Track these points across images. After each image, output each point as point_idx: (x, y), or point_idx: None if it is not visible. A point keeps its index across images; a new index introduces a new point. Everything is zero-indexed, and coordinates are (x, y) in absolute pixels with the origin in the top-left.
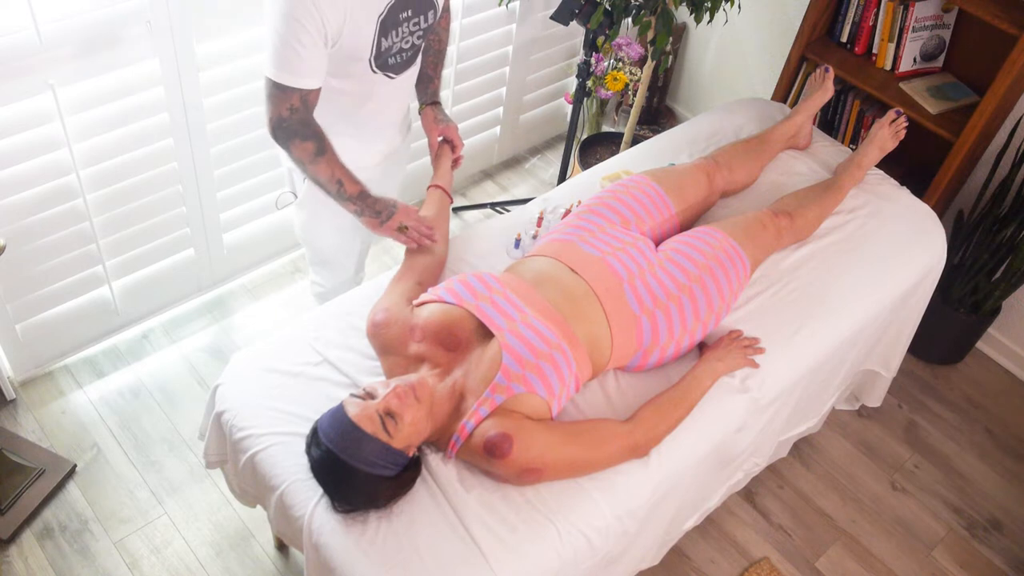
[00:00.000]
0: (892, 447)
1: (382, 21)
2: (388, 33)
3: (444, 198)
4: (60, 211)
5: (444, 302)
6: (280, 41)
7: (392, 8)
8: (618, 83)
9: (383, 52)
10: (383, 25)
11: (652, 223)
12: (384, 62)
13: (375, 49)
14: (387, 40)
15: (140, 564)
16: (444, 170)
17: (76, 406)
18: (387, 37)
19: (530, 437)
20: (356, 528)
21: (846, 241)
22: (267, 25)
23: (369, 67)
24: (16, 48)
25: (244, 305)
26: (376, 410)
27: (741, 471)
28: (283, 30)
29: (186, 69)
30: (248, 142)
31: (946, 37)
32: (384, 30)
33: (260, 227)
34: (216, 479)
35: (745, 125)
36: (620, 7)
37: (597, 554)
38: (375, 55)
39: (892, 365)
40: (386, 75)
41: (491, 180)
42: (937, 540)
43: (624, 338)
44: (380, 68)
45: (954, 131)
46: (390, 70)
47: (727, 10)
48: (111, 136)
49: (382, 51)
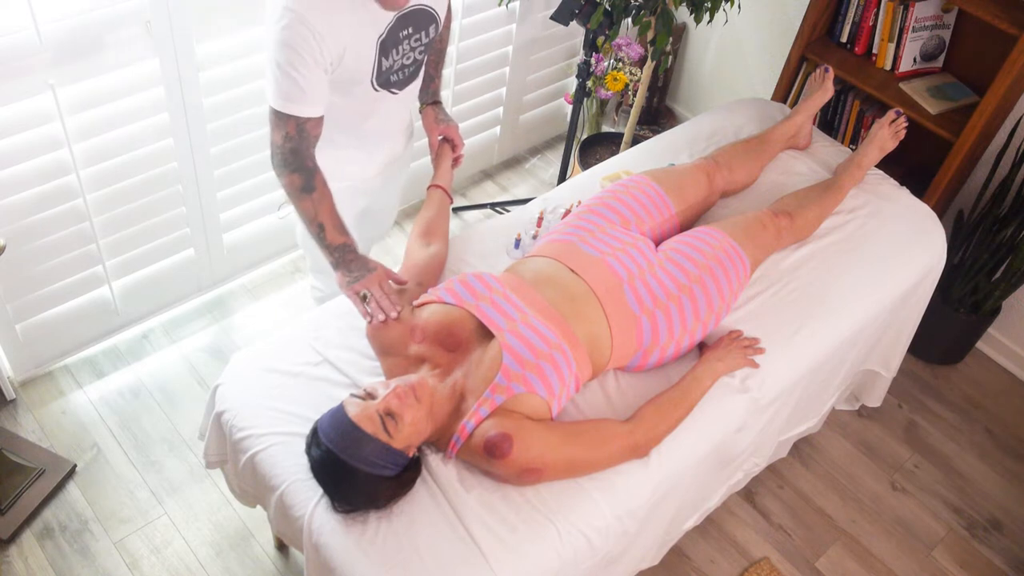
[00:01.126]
0: (892, 447)
1: (382, 42)
2: (389, 53)
3: (444, 198)
4: (60, 211)
5: (444, 302)
6: (278, 70)
7: (392, 28)
8: (618, 83)
9: (384, 72)
10: (383, 46)
11: (652, 223)
12: (386, 80)
13: (376, 70)
14: (388, 60)
15: (140, 564)
16: (444, 170)
17: (76, 406)
18: (388, 57)
19: (530, 437)
20: (356, 528)
21: (846, 241)
22: (266, 53)
23: (371, 87)
24: (16, 48)
25: (244, 305)
26: (376, 410)
27: (741, 471)
28: (281, 59)
29: (186, 69)
30: (248, 142)
31: (946, 37)
32: (384, 50)
33: (260, 227)
34: (216, 479)
35: (745, 125)
36: (620, 7)
37: (597, 554)
38: (376, 75)
39: (892, 365)
40: (389, 92)
41: (491, 180)
42: (937, 540)
43: (624, 338)
44: (382, 86)
45: (954, 131)
46: (392, 87)
47: (727, 10)
48: (111, 136)
49: (383, 71)
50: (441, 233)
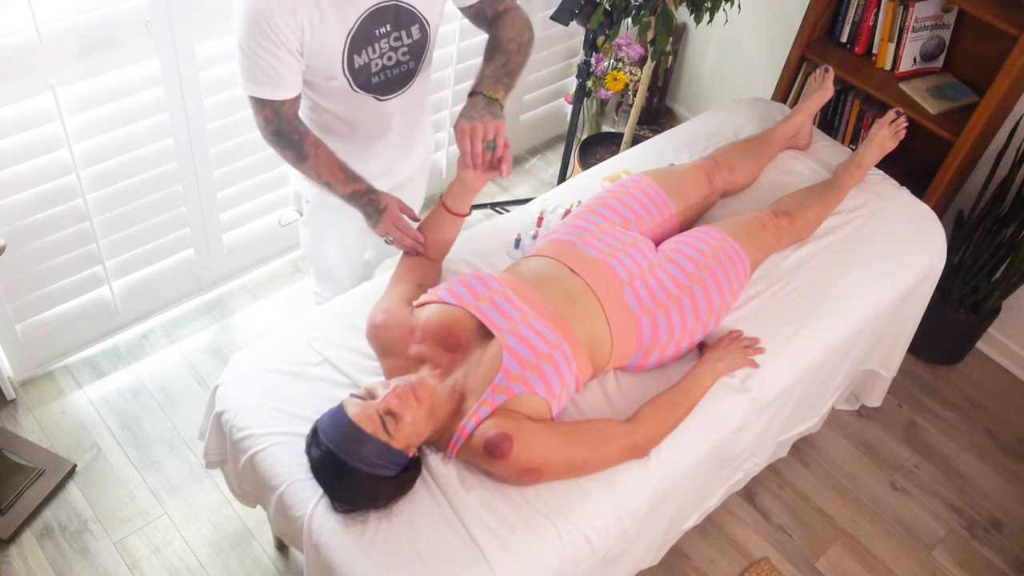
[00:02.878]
0: (892, 447)
1: (352, 37)
2: (362, 50)
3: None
4: (60, 211)
5: (444, 303)
6: (243, 54)
7: (363, 24)
8: (618, 83)
9: (359, 70)
10: (353, 41)
11: (652, 223)
12: (366, 81)
13: (347, 66)
14: (360, 57)
15: (140, 564)
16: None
17: (76, 406)
18: (360, 54)
19: (530, 437)
20: (356, 528)
21: (846, 241)
22: (232, 37)
23: (348, 86)
24: (16, 48)
25: (244, 305)
26: (376, 410)
27: (741, 471)
28: (244, 43)
29: (186, 69)
30: (248, 142)
31: (946, 37)
32: (356, 46)
33: (260, 227)
34: (216, 479)
35: (745, 125)
36: (620, 7)
37: (597, 554)
38: (350, 73)
39: (892, 365)
40: (374, 97)
41: (491, 180)
42: (937, 540)
43: (624, 338)
44: (362, 88)
45: (954, 131)
46: (375, 91)
47: (727, 10)
48: (111, 136)
49: (357, 68)
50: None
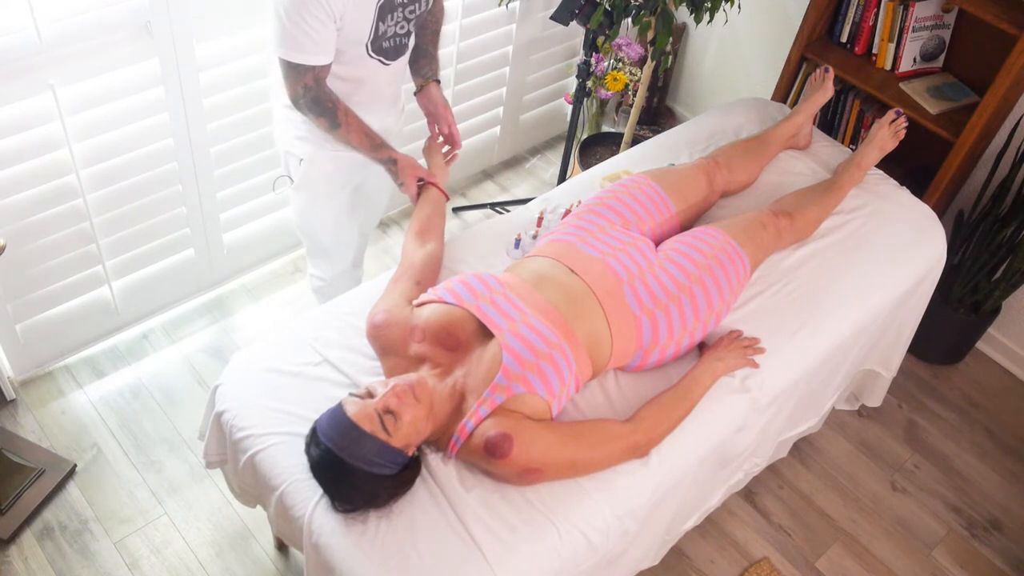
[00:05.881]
0: (892, 447)
1: (380, 5)
2: (385, 17)
3: (440, 196)
4: (60, 211)
5: (444, 302)
6: (288, 20)
7: None
8: (618, 83)
9: (379, 36)
10: (381, 9)
11: (652, 223)
12: (380, 46)
13: (373, 33)
14: (384, 24)
15: (140, 564)
16: (438, 166)
17: (76, 406)
18: (384, 21)
19: (530, 437)
20: (356, 528)
21: (846, 241)
22: (273, 5)
23: (366, 51)
24: (16, 48)
25: (244, 305)
26: (375, 408)
27: (741, 471)
28: (291, 10)
29: (186, 69)
30: (248, 142)
31: (946, 37)
32: (382, 14)
33: (260, 227)
34: (216, 479)
35: (745, 125)
36: (620, 7)
37: (597, 554)
38: (372, 39)
39: (892, 365)
40: (380, 60)
41: (491, 180)
42: (937, 540)
43: (624, 338)
44: (376, 52)
45: (954, 131)
46: (383, 55)
47: (727, 10)
48: (111, 136)
49: (378, 35)
50: (437, 231)
